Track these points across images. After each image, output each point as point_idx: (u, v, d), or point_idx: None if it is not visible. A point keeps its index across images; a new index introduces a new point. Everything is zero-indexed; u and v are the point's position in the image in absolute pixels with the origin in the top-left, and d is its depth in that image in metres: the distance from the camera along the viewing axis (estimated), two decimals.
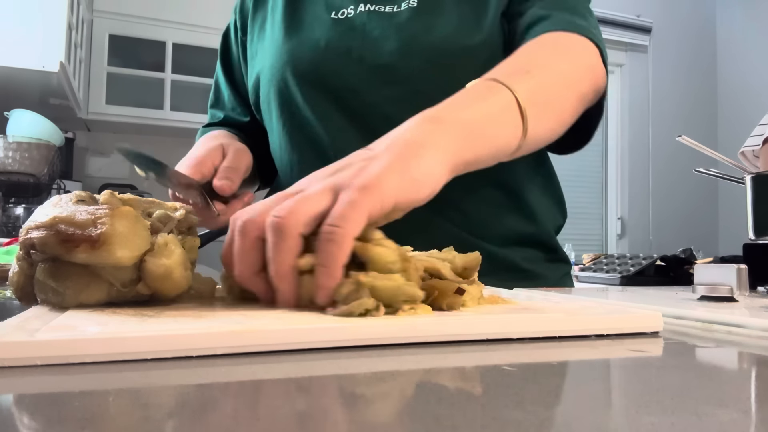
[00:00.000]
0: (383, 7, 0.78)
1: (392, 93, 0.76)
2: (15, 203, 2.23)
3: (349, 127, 0.77)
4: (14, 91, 2.47)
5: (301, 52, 0.79)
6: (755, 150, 1.22)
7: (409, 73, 0.76)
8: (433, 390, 0.25)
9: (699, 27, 4.25)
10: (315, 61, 0.78)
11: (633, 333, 0.40)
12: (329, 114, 0.78)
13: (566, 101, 0.61)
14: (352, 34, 0.78)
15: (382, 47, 0.76)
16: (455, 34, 0.76)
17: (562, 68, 0.61)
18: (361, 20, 0.78)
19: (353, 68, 0.77)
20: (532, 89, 0.56)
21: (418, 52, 0.76)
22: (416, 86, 0.75)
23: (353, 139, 0.76)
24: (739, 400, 0.25)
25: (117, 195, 0.44)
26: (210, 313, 0.38)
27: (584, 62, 0.64)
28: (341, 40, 0.78)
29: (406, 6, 0.78)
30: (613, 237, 4.06)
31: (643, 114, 4.08)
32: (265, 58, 0.83)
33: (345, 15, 0.79)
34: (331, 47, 0.78)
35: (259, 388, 0.26)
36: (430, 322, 0.36)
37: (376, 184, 0.40)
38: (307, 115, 0.79)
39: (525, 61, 0.59)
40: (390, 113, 0.74)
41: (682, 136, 0.94)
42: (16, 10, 2.24)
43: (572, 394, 0.27)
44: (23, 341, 0.28)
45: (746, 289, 0.59)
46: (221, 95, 0.97)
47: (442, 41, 0.75)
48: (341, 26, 0.79)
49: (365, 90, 0.77)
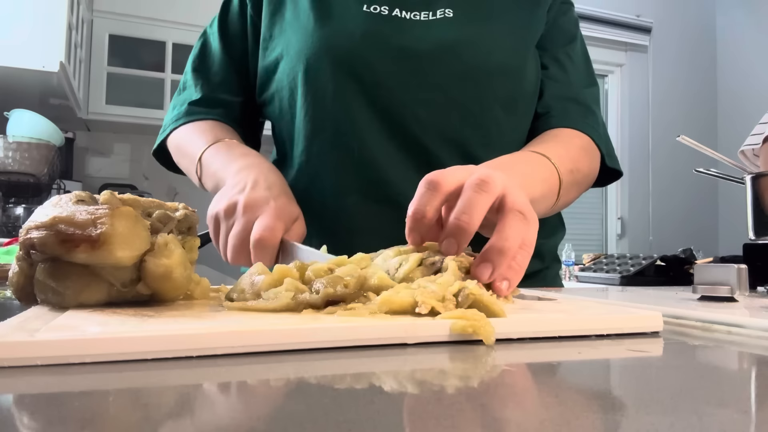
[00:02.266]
0: (418, 14, 0.79)
1: (426, 97, 0.76)
2: (15, 203, 2.23)
3: (376, 121, 0.77)
4: (14, 91, 2.47)
5: (336, 39, 0.77)
6: (755, 149, 1.22)
7: (446, 82, 0.77)
8: (433, 390, 0.25)
9: (699, 27, 4.25)
10: (351, 50, 0.77)
11: (633, 333, 0.40)
12: (358, 106, 0.77)
13: (579, 191, 0.80)
14: (390, 32, 0.77)
15: (420, 51, 0.76)
16: (498, 53, 0.79)
17: (587, 170, 0.79)
18: (398, 20, 0.78)
19: (389, 65, 0.76)
20: (569, 183, 0.73)
21: (458, 63, 0.77)
22: (450, 94, 0.77)
23: (378, 134, 0.76)
24: (739, 400, 0.25)
25: (117, 195, 0.44)
26: (210, 314, 0.38)
27: (595, 168, 0.82)
28: (378, 34, 0.77)
29: (442, 15, 0.79)
30: (613, 237, 4.06)
31: (643, 114, 4.08)
32: (290, 42, 0.80)
33: (379, 11, 0.78)
34: (368, 40, 0.77)
35: (259, 388, 0.26)
36: (430, 322, 0.36)
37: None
38: (334, 104, 0.77)
39: (570, 158, 0.75)
40: (421, 116, 0.77)
41: (682, 136, 0.94)
42: (16, 10, 2.24)
43: (572, 394, 0.27)
44: (23, 341, 0.28)
45: (746, 289, 0.59)
46: (211, 64, 0.89)
47: (486, 58, 0.78)
48: (377, 21, 0.78)
49: (398, 89, 0.76)
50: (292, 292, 0.40)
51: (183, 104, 0.87)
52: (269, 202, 0.62)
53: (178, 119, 0.86)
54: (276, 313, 0.39)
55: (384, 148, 0.76)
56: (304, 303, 0.39)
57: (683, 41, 4.19)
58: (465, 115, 0.78)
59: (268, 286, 0.41)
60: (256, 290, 0.41)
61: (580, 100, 0.84)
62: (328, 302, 0.40)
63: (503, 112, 0.80)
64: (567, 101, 0.83)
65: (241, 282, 0.43)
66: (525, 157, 0.71)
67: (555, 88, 0.84)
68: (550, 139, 0.78)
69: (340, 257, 0.47)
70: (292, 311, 0.39)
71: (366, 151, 0.76)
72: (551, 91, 0.84)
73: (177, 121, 0.86)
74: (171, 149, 0.88)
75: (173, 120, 0.87)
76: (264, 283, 0.42)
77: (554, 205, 0.72)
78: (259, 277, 0.42)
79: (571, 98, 0.84)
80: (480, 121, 0.78)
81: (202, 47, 0.91)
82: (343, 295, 0.40)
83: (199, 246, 0.47)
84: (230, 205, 0.63)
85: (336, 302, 0.40)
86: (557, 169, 0.70)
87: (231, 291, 0.43)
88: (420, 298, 0.37)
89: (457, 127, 0.78)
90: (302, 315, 0.38)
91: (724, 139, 4.10)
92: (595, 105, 0.86)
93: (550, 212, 0.75)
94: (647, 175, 4.05)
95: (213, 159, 0.76)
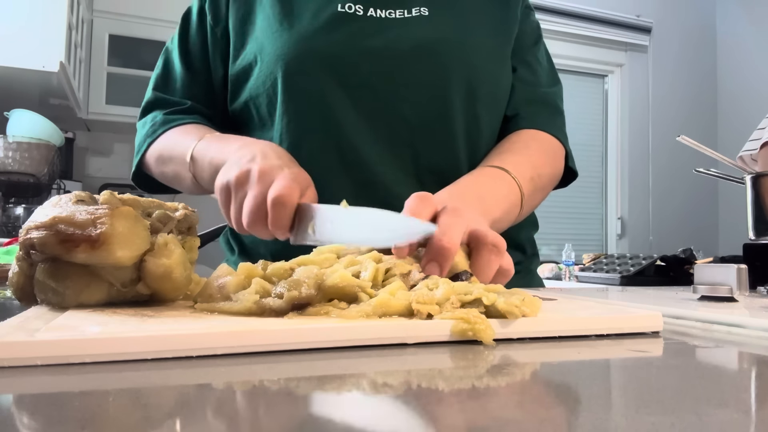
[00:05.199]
0: (393, 12, 0.78)
1: (410, 95, 0.76)
2: (15, 203, 2.23)
3: (362, 122, 0.76)
4: (14, 91, 2.47)
5: (314, 41, 0.75)
6: (753, 154, 1.22)
7: (429, 80, 0.77)
8: (433, 390, 0.25)
9: (699, 27, 4.25)
10: (330, 52, 0.75)
11: (633, 333, 0.40)
12: (342, 107, 0.76)
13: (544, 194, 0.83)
14: (368, 31, 0.77)
15: (400, 50, 0.76)
16: (480, 52, 0.80)
17: (550, 172, 0.82)
18: (374, 19, 0.77)
19: (370, 65, 0.76)
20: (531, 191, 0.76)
21: (439, 61, 0.77)
22: (434, 92, 0.77)
23: (366, 136, 0.76)
24: (739, 400, 0.25)
25: (117, 195, 0.44)
26: (210, 314, 0.38)
27: (559, 167, 0.85)
28: (357, 34, 0.76)
29: (418, 13, 0.79)
30: (613, 237, 4.06)
31: (643, 114, 4.08)
32: (264, 47, 0.78)
33: (354, 10, 0.78)
34: (347, 40, 0.76)
35: (259, 388, 0.26)
36: (430, 323, 0.36)
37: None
38: (319, 107, 0.76)
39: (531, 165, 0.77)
40: (407, 114, 0.77)
41: (682, 136, 0.94)
42: (16, 10, 2.24)
43: (572, 394, 0.27)
44: (23, 341, 0.28)
45: (746, 289, 0.59)
46: (173, 82, 0.86)
47: (468, 56, 0.79)
48: (354, 21, 0.77)
49: (382, 88, 0.76)
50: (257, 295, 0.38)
51: (154, 119, 0.83)
52: (283, 169, 0.60)
53: (154, 132, 0.81)
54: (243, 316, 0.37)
55: (372, 148, 0.76)
56: (268, 310, 0.37)
57: (683, 41, 4.19)
58: (449, 113, 0.78)
59: (235, 287, 0.40)
60: (225, 293, 0.40)
61: (548, 101, 0.87)
62: (294, 306, 0.38)
63: (484, 109, 0.81)
64: (535, 104, 0.86)
65: (208, 286, 0.42)
66: (484, 176, 0.73)
67: (524, 91, 0.86)
68: (511, 146, 0.81)
69: (302, 257, 0.46)
70: (255, 315, 0.37)
71: (355, 153, 0.76)
72: (520, 94, 0.86)
73: (154, 134, 0.81)
74: (151, 162, 0.82)
75: (148, 134, 0.82)
76: (231, 285, 0.41)
77: (518, 215, 0.75)
78: (225, 279, 0.41)
79: (538, 100, 0.86)
80: (463, 117, 0.79)
81: (165, 66, 0.88)
82: (308, 298, 0.38)
83: (199, 246, 0.47)
84: (242, 173, 0.60)
85: (302, 306, 0.38)
86: (517, 181, 0.73)
87: (197, 296, 0.42)
88: (416, 305, 0.37)
89: (441, 125, 0.78)
90: (301, 316, 0.38)
91: (724, 139, 4.10)
92: (560, 103, 0.90)
93: (517, 221, 0.77)
94: (647, 175, 4.05)
95: (207, 149, 0.72)
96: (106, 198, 0.43)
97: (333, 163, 0.76)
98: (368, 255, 0.46)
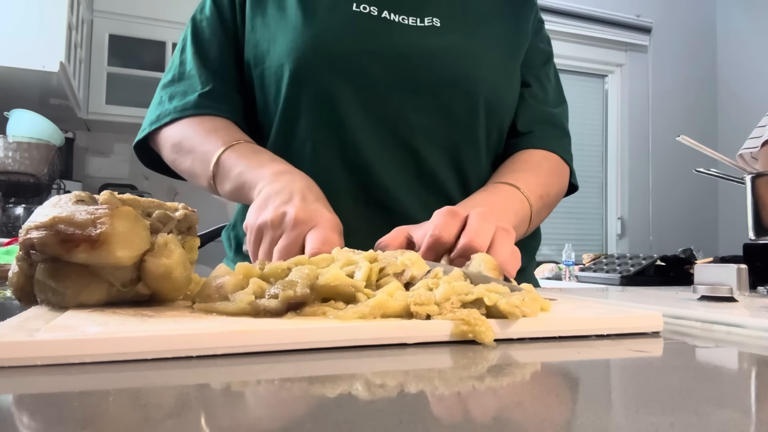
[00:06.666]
0: (407, 18, 0.79)
1: (417, 101, 0.77)
2: (15, 203, 2.23)
3: (368, 123, 0.76)
4: (14, 91, 2.47)
5: (326, 38, 0.75)
6: (753, 152, 1.22)
7: (436, 88, 0.77)
8: (433, 390, 0.25)
9: (699, 27, 4.25)
10: (341, 50, 0.75)
11: (633, 333, 0.40)
12: (348, 106, 0.76)
13: (550, 211, 0.86)
14: (380, 33, 0.77)
15: (410, 56, 0.77)
16: (488, 64, 0.81)
17: (557, 191, 0.85)
18: (387, 22, 0.78)
19: (380, 67, 0.76)
20: (539, 208, 0.79)
21: (448, 71, 0.78)
22: (440, 100, 0.78)
23: (371, 137, 0.76)
24: (739, 400, 0.25)
25: (117, 195, 0.44)
26: (210, 314, 0.38)
27: (564, 185, 0.88)
28: (369, 34, 0.76)
29: (430, 24, 0.79)
30: (613, 237, 4.06)
31: (643, 114, 4.08)
32: (275, 38, 0.77)
33: (369, 11, 0.78)
34: (359, 40, 0.76)
35: (258, 388, 0.26)
36: (430, 323, 0.36)
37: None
38: (326, 105, 0.76)
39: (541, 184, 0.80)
40: (412, 120, 0.77)
41: (682, 136, 0.94)
42: (16, 10, 2.24)
43: (572, 394, 0.27)
44: (23, 341, 0.28)
45: (746, 289, 0.59)
46: (208, 50, 0.83)
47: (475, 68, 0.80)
48: (368, 21, 0.77)
49: (390, 92, 0.76)
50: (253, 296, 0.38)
51: (189, 94, 0.79)
52: (324, 215, 0.59)
53: (184, 109, 0.78)
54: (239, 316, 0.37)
55: (376, 150, 0.76)
56: (263, 310, 0.37)
57: (683, 41, 4.19)
58: (454, 121, 0.79)
59: (233, 287, 0.40)
60: (223, 294, 0.40)
61: (556, 123, 0.90)
62: (290, 306, 0.38)
63: (490, 120, 0.82)
64: (546, 123, 0.89)
65: (206, 286, 0.42)
66: (498, 191, 0.75)
67: (536, 108, 0.88)
68: (522, 165, 0.83)
69: (300, 257, 0.46)
70: (250, 315, 0.37)
71: (358, 153, 0.76)
72: (534, 112, 0.88)
73: (183, 111, 0.78)
74: (165, 142, 0.80)
75: (177, 109, 0.78)
76: (229, 285, 0.40)
77: (527, 230, 0.78)
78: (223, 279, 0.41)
79: (549, 120, 0.89)
80: (468, 127, 0.80)
81: (196, 35, 0.83)
82: (303, 297, 0.38)
83: (199, 246, 0.47)
84: (278, 217, 0.59)
85: (298, 306, 0.38)
86: (528, 199, 0.75)
87: (196, 296, 0.42)
88: (414, 308, 0.37)
89: (446, 132, 0.79)
90: (301, 316, 0.38)
91: (724, 138, 4.10)
92: (566, 123, 0.93)
93: (525, 235, 0.79)
94: (647, 175, 4.05)
95: (237, 160, 0.71)
96: (106, 198, 0.43)
97: (334, 162, 0.76)
98: (364, 255, 0.46)
